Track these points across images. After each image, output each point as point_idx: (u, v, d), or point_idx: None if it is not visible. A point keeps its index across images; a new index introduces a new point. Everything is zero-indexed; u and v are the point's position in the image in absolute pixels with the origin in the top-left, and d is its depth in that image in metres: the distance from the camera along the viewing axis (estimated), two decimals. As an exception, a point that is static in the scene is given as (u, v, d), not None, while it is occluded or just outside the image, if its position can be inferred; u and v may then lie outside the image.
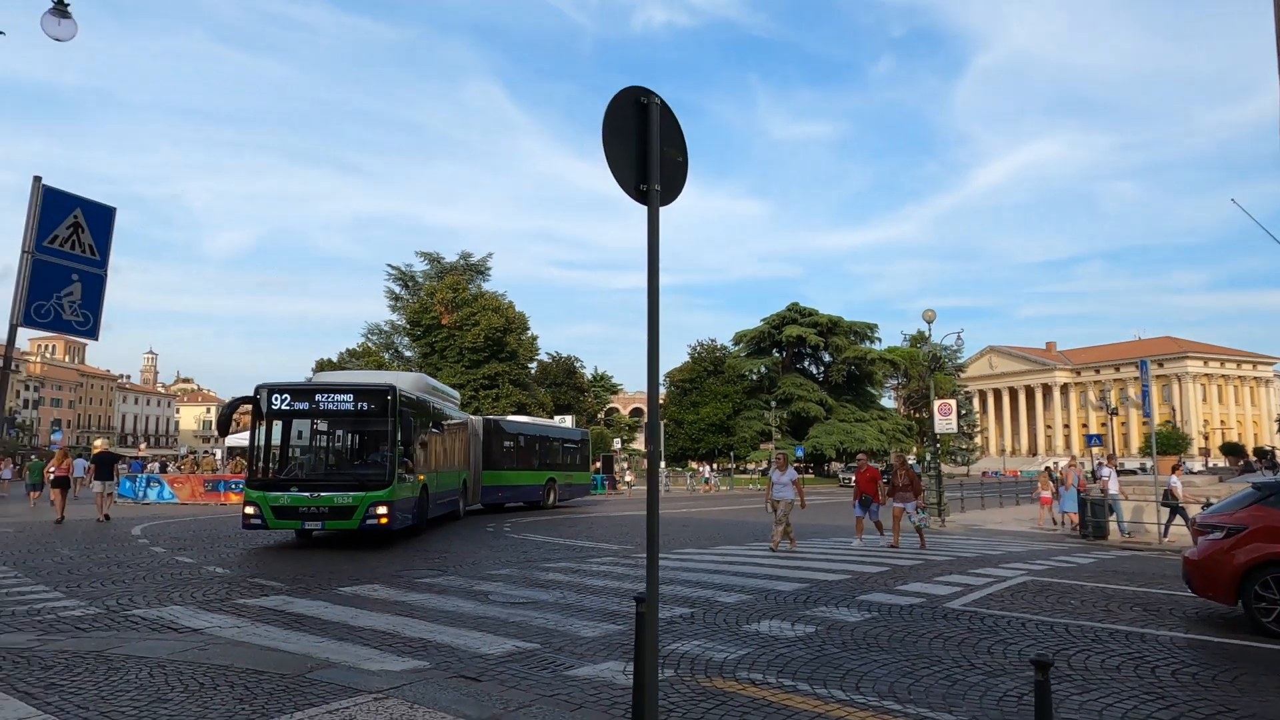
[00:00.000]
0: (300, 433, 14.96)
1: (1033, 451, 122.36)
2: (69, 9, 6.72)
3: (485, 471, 24.04)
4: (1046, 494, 23.38)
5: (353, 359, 79.16)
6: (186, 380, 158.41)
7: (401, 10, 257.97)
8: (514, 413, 47.20)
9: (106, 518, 19.88)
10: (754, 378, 72.70)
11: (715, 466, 66.16)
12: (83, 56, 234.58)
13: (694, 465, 65.06)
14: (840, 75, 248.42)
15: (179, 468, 37.79)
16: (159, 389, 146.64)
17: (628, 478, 44.58)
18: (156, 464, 44.41)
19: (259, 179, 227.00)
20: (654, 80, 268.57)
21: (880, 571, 11.57)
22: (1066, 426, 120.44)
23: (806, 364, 76.25)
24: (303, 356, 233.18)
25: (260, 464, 13.88)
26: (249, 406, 13.99)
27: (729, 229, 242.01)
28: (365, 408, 13.88)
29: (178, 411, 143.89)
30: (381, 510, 13.33)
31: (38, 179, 6.61)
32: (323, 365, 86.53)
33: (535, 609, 8.42)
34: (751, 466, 71.61)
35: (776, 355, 74.39)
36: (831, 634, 7.41)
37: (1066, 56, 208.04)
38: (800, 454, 60.54)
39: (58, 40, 6.74)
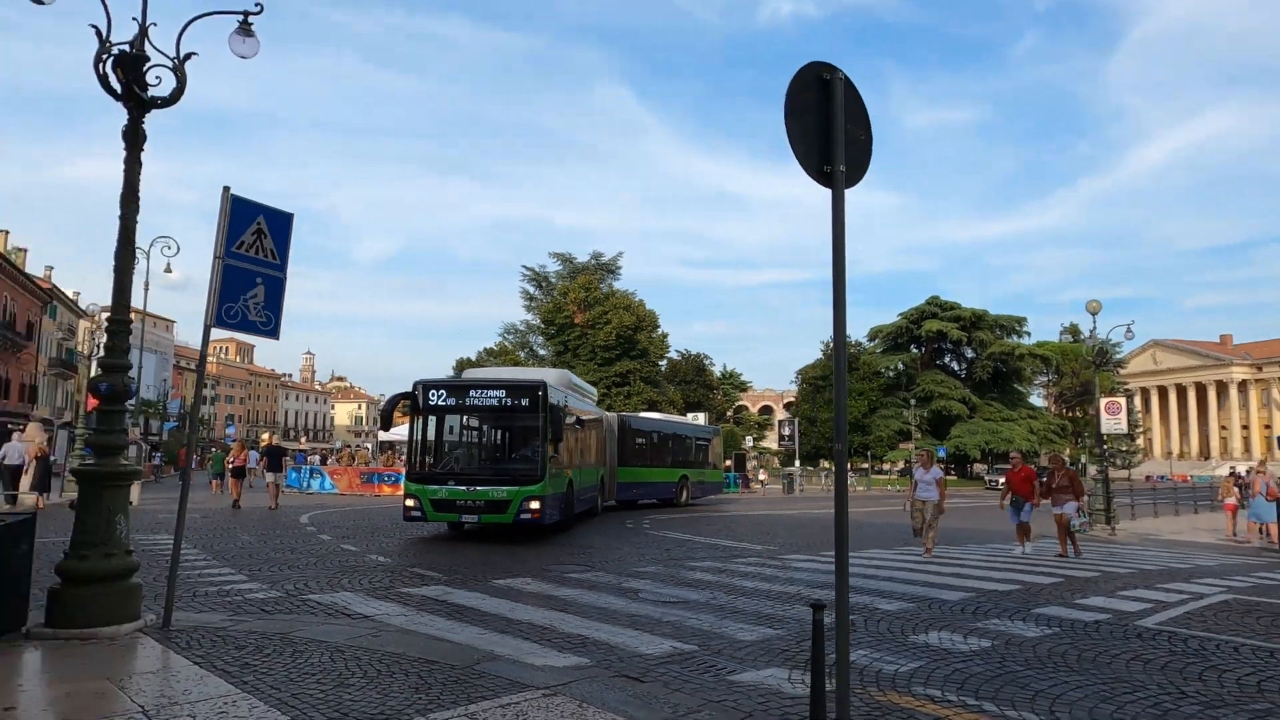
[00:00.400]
0: (454, 427, 15.48)
1: (1204, 454, 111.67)
2: (253, 28, 7.14)
3: (620, 468, 24.18)
4: (1231, 501, 21.13)
5: (490, 357, 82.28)
6: (340, 378, 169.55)
7: (533, 19, 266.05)
8: (645, 410, 47.57)
9: (276, 506, 21.43)
10: (891, 375, 70.08)
11: (849, 466, 64.17)
12: (251, 82, 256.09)
13: (826, 464, 63.52)
14: (980, 56, 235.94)
15: (337, 460, 40.43)
16: (316, 386, 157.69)
17: (761, 476, 43.91)
18: (317, 457, 47.79)
19: (403, 188, 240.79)
20: (780, 72, 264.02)
21: (1053, 582, 10.71)
22: (1245, 427, 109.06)
23: (947, 360, 72.80)
24: (443, 355, 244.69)
25: (418, 457, 14.43)
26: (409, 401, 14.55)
27: (861, 222, 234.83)
28: (517, 403, 14.20)
29: (333, 407, 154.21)
30: (534, 505, 13.58)
31: (226, 189, 7.04)
32: (462, 364, 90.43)
33: (687, 609, 8.28)
34: (886, 467, 69.12)
35: (915, 351, 71.43)
36: (1011, 649, 6.85)
37: (1241, 20, 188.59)
38: (942, 454, 57.80)
39: (243, 57, 7.18)
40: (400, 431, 37.30)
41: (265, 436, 26.68)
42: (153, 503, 21.78)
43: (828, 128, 3.88)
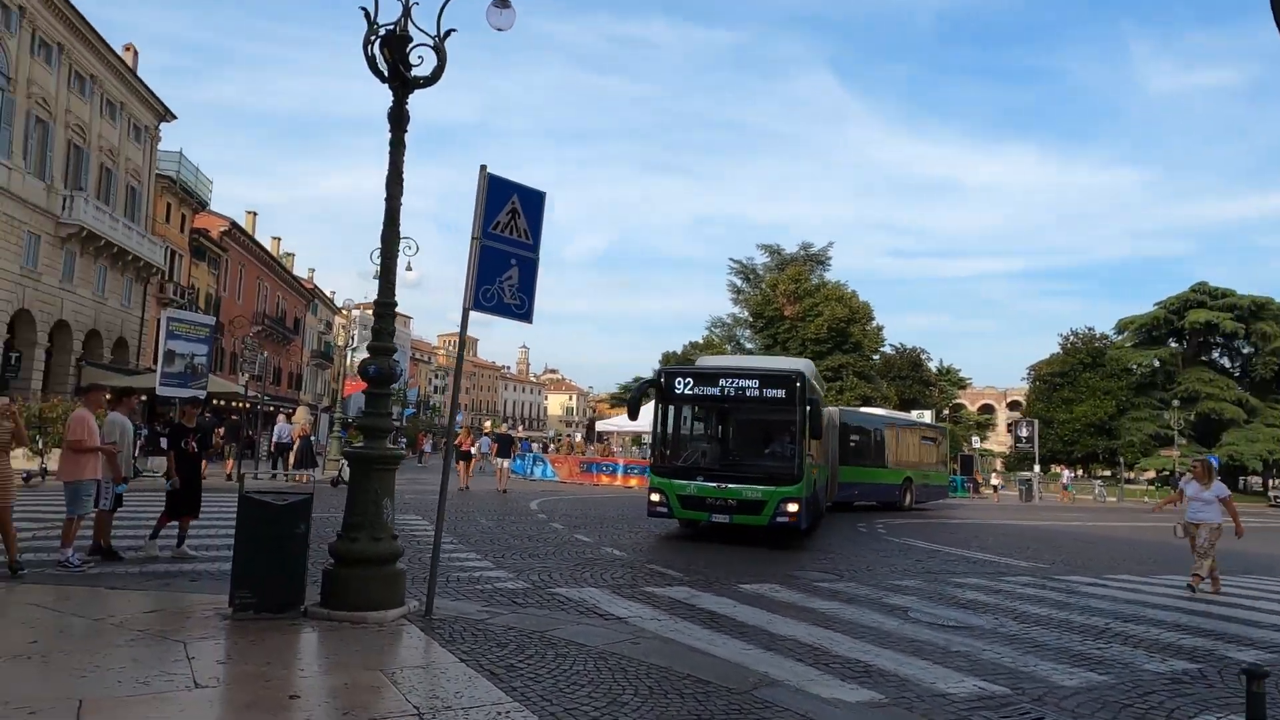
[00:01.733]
0: (702, 418, 14.51)
1: None
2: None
3: (841, 466, 22.67)
4: None
5: (695, 351, 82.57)
6: (553, 371, 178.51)
7: (734, 13, 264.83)
8: (859, 405, 45.23)
9: (504, 489, 22.34)
10: (1144, 372, 61.99)
11: (1085, 473, 57.78)
12: (472, 95, 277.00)
13: (1055, 469, 57.50)
14: (1246, 7, 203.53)
15: (556, 449, 42.00)
16: (531, 379, 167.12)
17: (994, 481, 40.14)
18: (538, 445, 50.16)
19: (609, 188, 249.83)
20: (1004, 43, 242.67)
21: None
22: None
23: (1216, 355, 63.25)
24: (648, 350, 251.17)
25: (663, 450, 13.73)
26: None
27: (1092, 203, 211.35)
28: (772, 394, 13.06)
29: (545, 398, 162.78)
30: (792, 508, 12.46)
31: (483, 168, 6.81)
32: (668, 358, 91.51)
33: (975, 637, 7.08)
34: (1131, 475, 61.19)
35: (1174, 345, 62.72)
36: None
37: None
38: (1214, 463, 50.13)
39: (499, 30, 6.93)
40: (616, 423, 38.12)
41: (488, 425, 28.25)
42: (397, 484, 23.34)
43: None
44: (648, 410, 35.40)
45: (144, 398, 30.89)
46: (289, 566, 6.08)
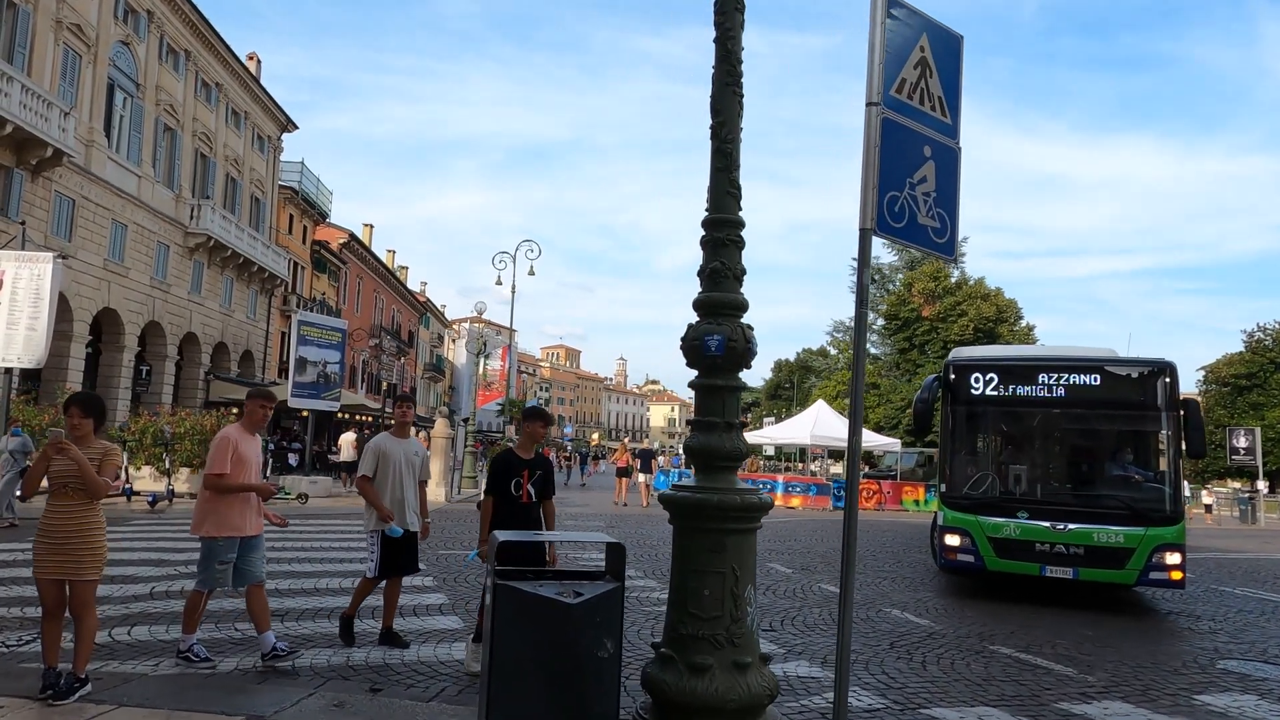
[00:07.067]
0: (1013, 428, 10.38)
1: None
2: None
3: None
4: None
5: (813, 357, 78.61)
6: (654, 382, 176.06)
7: (826, 18, 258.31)
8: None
9: (648, 504, 21.49)
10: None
11: (1271, 488, 50.48)
12: (567, 114, 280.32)
13: (1233, 484, 50.41)
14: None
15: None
16: (632, 390, 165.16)
17: (1205, 498, 34.45)
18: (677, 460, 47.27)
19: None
20: (1112, 30, 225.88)
21: None
22: None
23: None
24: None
25: (958, 472, 9.85)
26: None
27: (1222, 195, 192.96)
28: (1126, 396, 9.41)
29: (648, 409, 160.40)
30: (1174, 559, 8.67)
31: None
32: (780, 365, 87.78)
33: None
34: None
35: (1383, 341, 54.54)
36: None
37: None
38: None
39: None
40: (766, 434, 34.56)
41: (595, 438, 25.95)
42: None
43: None
44: (803, 419, 31.41)
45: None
46: (586, 714, 3.17)
